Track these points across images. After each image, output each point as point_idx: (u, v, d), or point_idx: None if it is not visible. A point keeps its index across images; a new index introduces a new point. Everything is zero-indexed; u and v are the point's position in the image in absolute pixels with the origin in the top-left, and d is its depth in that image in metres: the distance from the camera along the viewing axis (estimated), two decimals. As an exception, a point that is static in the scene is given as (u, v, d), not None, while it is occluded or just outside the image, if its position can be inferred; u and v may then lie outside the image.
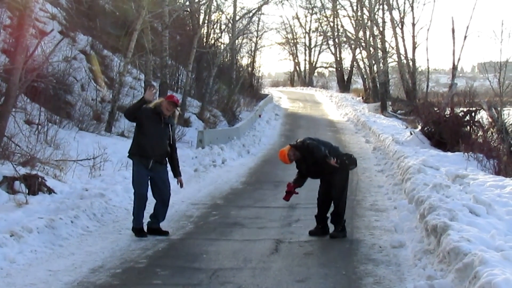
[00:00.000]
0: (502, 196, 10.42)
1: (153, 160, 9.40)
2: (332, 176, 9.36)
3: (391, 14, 44.65)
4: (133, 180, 9.52)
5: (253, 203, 12.53)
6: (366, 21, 47.61)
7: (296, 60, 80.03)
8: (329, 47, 72.41)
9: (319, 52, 77.53)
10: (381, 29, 46.42)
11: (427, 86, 44.22)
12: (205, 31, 36.79)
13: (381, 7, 46.69)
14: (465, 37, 35.59)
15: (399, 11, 44.72)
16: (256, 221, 10.62)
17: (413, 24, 43.70)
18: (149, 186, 9.58)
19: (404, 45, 44.28)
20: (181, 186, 10.00)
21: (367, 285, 6.90)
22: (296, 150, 9.47)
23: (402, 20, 44.50)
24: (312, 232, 9.46)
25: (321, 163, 9.26)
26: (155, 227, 9.55)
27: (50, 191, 11.32)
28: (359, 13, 50.28)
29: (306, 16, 75.47)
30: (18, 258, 7.69)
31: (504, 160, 16.93)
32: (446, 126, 22.36)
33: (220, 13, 39.53)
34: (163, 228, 9.63)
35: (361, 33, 50.61)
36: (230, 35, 39.69)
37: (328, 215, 9.54)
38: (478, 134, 21.95)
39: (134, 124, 9.94)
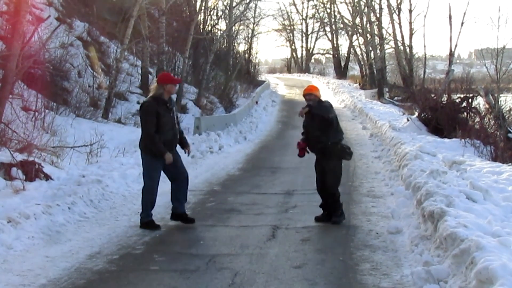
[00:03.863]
0: (499, 182, 10.46)
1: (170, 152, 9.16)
2: (326, 161, 9.37)
3: (388, 0, 44.54)
4: (145, 173, 9.25)
5: (250, 189, 12.53)
6: (363, 7, 47.46)
7: (293, 47, 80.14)
8: (326, 34, 72.47)
9: (316, 39, 77.75)
10: (378, 15, 46.26)
11: (424, 72, 44.19)
12: (202, 17, 36.74)
13: (378, -7, 46.57)
14: (462, 23, 35.44)
15: (396, -3, 44.62)
16: (253, 207, 10.62)
17: (410, 11, 43.64)
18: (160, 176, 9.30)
19: (401, 32, 44.23)
20: (189, 153, 9.84)
21: (364, 270, 6.91)
22: (317, 104, 9.41)
23: (399, 6, 44.41)
24: (318, 219, 9.42)
25: (323, 129, 9.28)
26: (180, 212, 9.34)
27: (47, 177, 11.30)
28: (355, -1, 50.18)
29: (303, 3, 75.60)
30: (15, 244, 7.69)
31: (500, 146, 16.96)
32: (443, 112, 22.36)
33: (217, -1, 39.46)
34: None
35: (358, 20, 50.46)
36: (227, 21, 39.61)
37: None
38: (475, 121, 21.97)
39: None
